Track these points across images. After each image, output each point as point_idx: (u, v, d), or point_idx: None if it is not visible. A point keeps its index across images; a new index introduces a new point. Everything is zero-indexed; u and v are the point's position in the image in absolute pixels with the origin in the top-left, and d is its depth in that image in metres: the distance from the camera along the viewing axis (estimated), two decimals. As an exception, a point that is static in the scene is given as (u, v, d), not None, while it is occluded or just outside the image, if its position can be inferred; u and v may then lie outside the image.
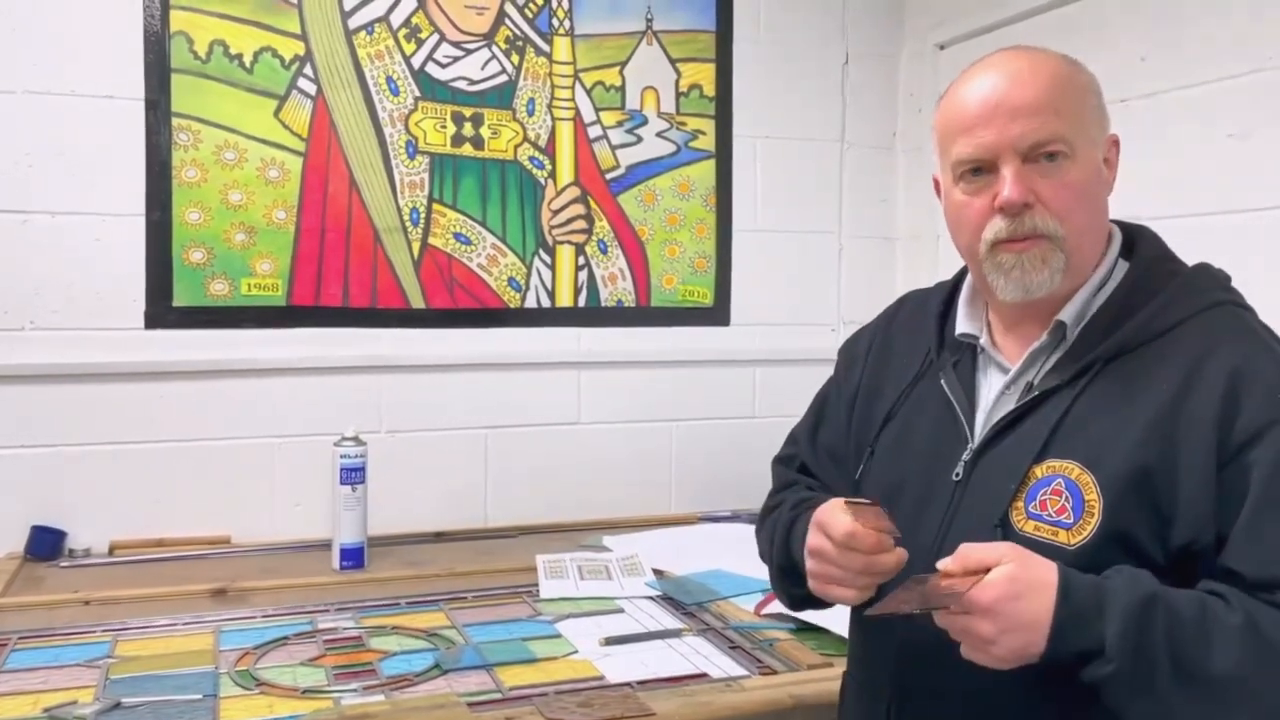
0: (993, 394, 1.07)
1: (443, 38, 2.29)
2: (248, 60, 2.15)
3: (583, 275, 2.43)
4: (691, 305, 2.54)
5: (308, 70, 2.19)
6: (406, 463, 2.26)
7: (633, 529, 2.30)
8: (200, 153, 2.12)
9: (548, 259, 2.40)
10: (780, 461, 1.33)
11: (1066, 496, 0.96)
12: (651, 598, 1.82)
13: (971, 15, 2.44)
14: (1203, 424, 0.93)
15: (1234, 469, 0.92)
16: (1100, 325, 1.02)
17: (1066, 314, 1.03)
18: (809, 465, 1.28)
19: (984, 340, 1.10)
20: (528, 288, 2.39)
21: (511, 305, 2.37)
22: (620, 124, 2.44)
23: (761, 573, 1.65)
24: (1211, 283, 1.04)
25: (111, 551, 2.07)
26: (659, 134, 2.48)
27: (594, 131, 2.42)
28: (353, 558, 1.98)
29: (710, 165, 2.53)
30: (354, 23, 2.23)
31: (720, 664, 1.51)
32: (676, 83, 2.49)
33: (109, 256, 2.07)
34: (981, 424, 1.06)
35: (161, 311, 2.12)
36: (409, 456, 2.27)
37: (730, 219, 2.55)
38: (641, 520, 2.39)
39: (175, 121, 2.10)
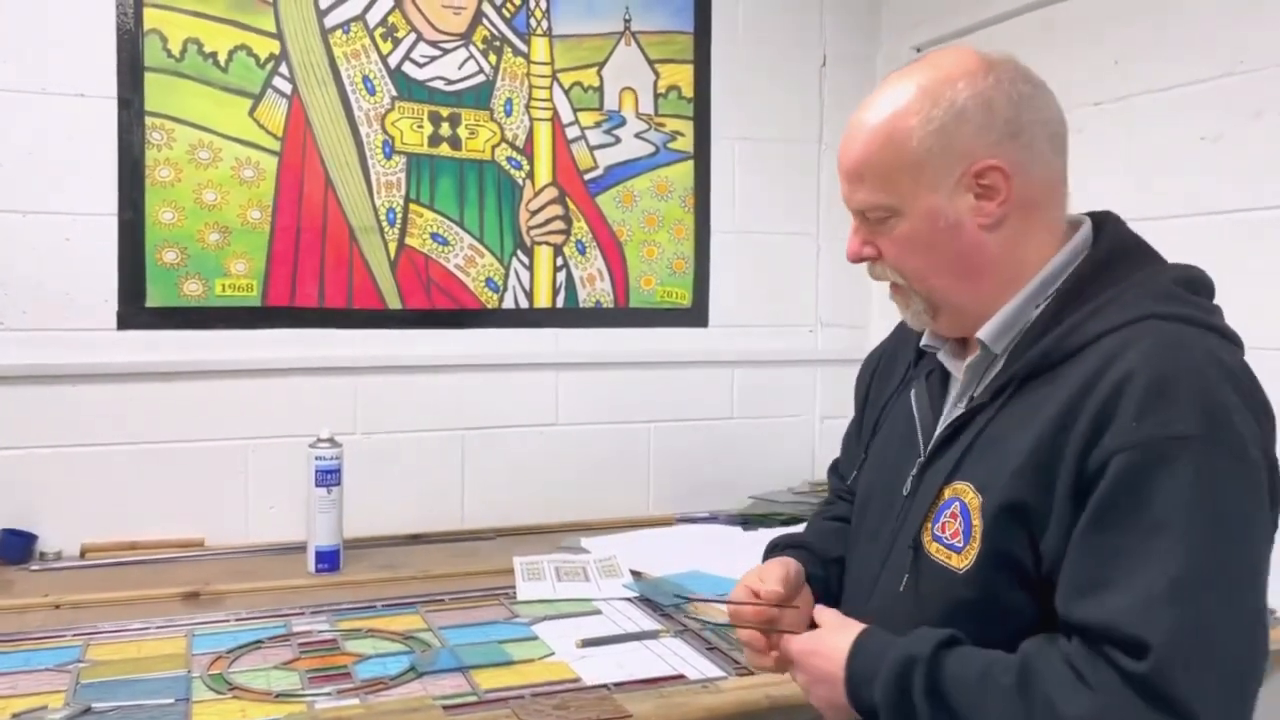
0: (949, 409, 1.09)
1: (420, 37, 2.28)
2: (222, 59, 2.13)
3: (561, 276, 2.42)
4: (670, 306, 2.54)
5: (283, 69, 2.18)
6: (382, 464, 2.25)
7: (610, 530, 2.29)
8: (174, 152, 2.10)
9: (526, 260, 2.39)
10: (830, 470, 1.44)
11: (960, 520, 0.97)
12: (629, 599, 1.82)
13: (948, 18, 2.45)
14: (1074, 454, 0.90)
15: (1084, 503, 0.89)
16: (1029, 339, 0.99)
17: (983, 331, 1.02)
18: (844, 475, 1.35)
19: (942, 353, 1.10)
20: (505, 288, 2.38)
21: (489, 306, 2.37)
22: (598, 125, 2.44)
23: (738, 574, 1.66)
24: (1145, 295, 0.95)
25: (83, 555, 2.04)
26: (637, 135, 2.48)
27: (572, 132, 2.42)
28: (328, 560, 1.97)
29: (689, 166, 2.53)
30: (330, 21, 2.21)
31: (697, 665, 1.51)
32: (655, 84, 2.49)
33: (80, 256, 2.05)
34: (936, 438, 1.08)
35: (134, 312, 2.09)
36: (385, 458, 2.26)
37: (709, 220, 2.55)
38: (619, 521, 2.38)
39: (148, 120, 2.08)
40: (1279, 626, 1.25)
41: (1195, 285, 0.99)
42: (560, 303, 2.43)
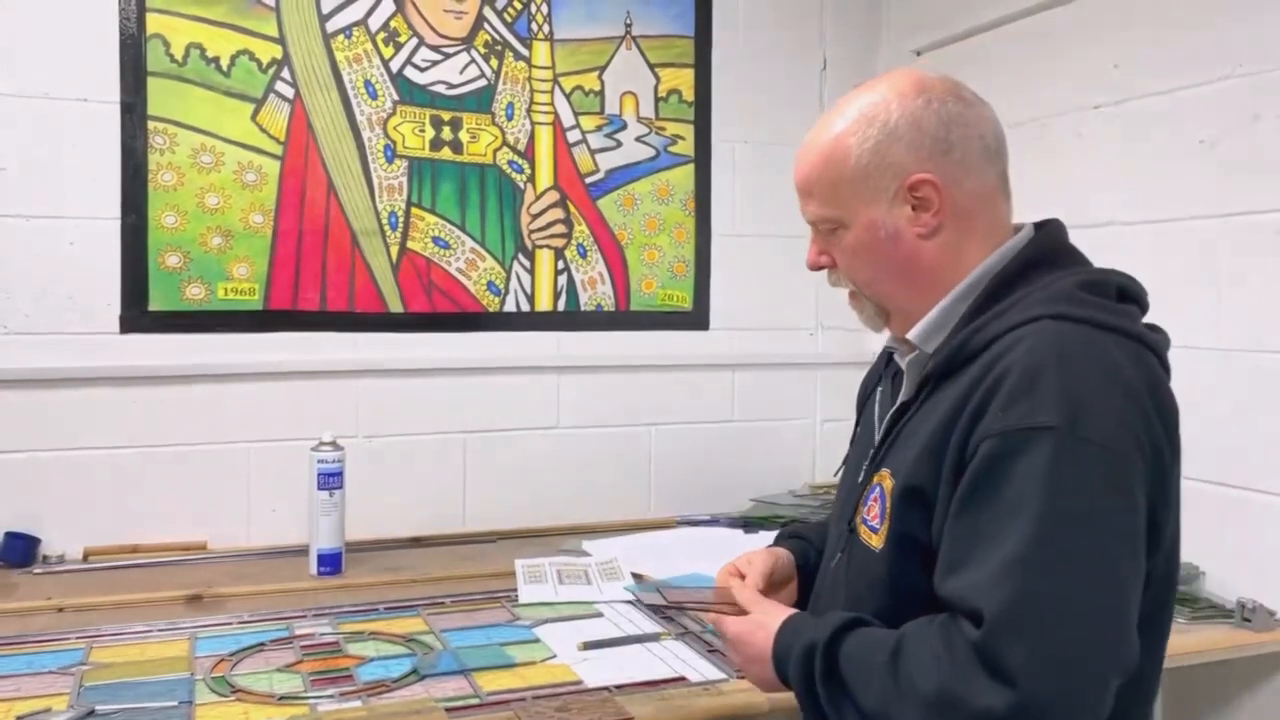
0: (891, 411, 1.16)
1: (421, 42, 2.29)
2: (225, 63, 2.14)
3: (562, 279, 2.43)
4: (671, 309, 2.54)
5: (285, 73, 2.18)
6: (384, 467, 2.26)
7: (612, 533, 2.30)
8: (176, 156, 2.11)
9: (527, 263, 2.40)
10: None
11: (879, 503, 1.07)
12: (630, 602, 1.82)
13: (947, 23, 2.46)
14: (956, 444, 0.98)
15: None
16: (949, 339, 1.06)
17: (913, 332, 1.10)
18: None
19: (898, 353, 1.18)
20: (507, 292, 2.39)
21: (490, 309, 2.37)
22: (599, 128, 2.45)
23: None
24: (1045, 299, 1.00)
25: (86, 558, 2.05)
26: (638, 139, 2.48)
27: (573, 136, 2.42)
28: (330, 563, 1.97)
29: (689, 170, 2.54)
30: (332, 26, 2.22)
31: (698, 668, 1.51)
32: (655, 88, 2.50)
33: (83, 260, 2.06)
34: None
35: (137, 315, 2.10)
36: (387, 461, 2.27)
37: (709, 223, 2.56)
38: (620, 524, 2.39)
39: (151, 124, 2.09)
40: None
41: (1099, 288, 1.03)
42: (561, 306, 2.43)
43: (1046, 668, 0.87)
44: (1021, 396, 0.93)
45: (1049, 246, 1.08)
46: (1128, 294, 1.06)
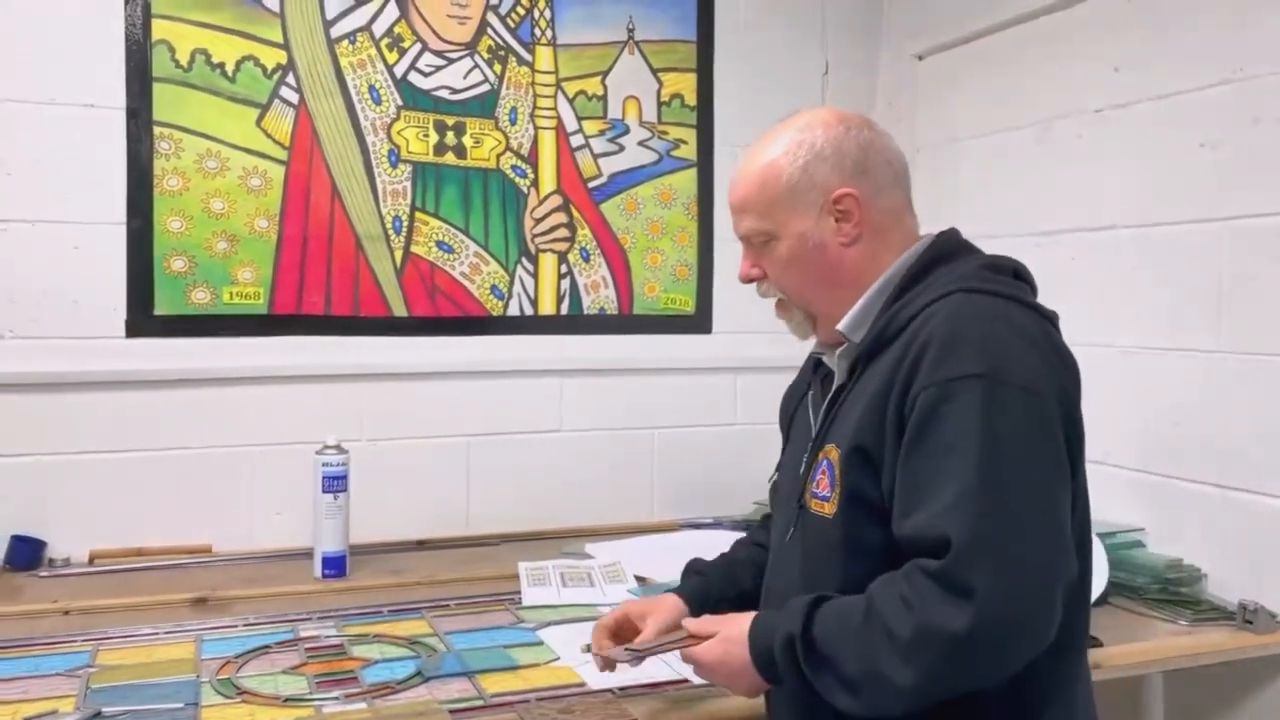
0: (826, 401, 1.26)
1: (425, 47, 2.30)
2: (230, 69, 2.15)
3: (565, 283, 2.44)
4: (673, 313, 2.55)
5: (290, 79, 2.20)
6: (388, 471, 2.27)
7: (615, 536, 2.30)
8: (182, 161, 2.12)
9: (530, 267, 2.41)
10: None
11: (827, 474, 1.17)
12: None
13: (949, 26, 2.47)
14: (895, 401, 1.09)
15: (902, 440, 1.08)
16: (873, 327, 1.19)
17: (842, 324, 1.22)
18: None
19: (825, 357, 1.29)
20: (510, 296, 2.39)
21: (494, 313, 2.38)
22: (602, 133, 2.46)
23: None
24: (954, 278, 1.15)
25: (91, 561, 2.06)
26: (641, 143, 2.49)
27: (576, 140, 2.43)
28: (334, 566, 1.98)
29: (692, 174, 2.55)
30: (336, 32, 2.23)
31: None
32: (658, 92, 2.51)
33: (89, 265, 2.07)
34: None
35: (142, 320, 2.11)
36: (391, 464, 2.27)
37: (712, 227, 2.57)
38: (624, 527, 2.39)
39: (157, 130, 2.10)
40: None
41: (999, 268, 1.19)
42: (565, 310, 2.44)
43: (1003, 585, 0.99)
44: (948, 353, 1.06)
45: (949, 244, 1.23)
46: (1021, 275, 1.20)
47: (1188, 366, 1.90)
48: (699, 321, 2.57)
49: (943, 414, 1.05)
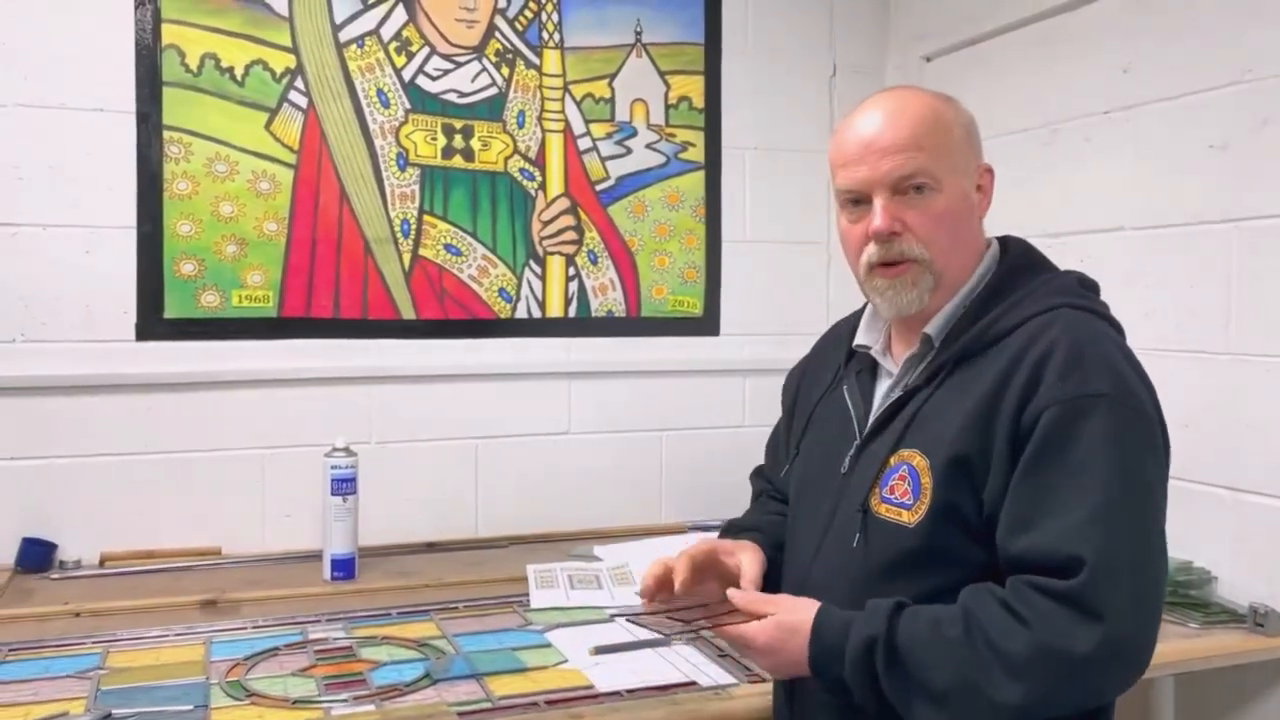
0: (882, 397, 1.22)
1: (433, 51, 2.31)
2: (239, 73, 2.16)
3: (573, 286, 2.44)
4: (681, 315, 2.55)
5: (299, 83, 2.20)
6: (397, 473, 2.27)
7: (623, 538, 2.30)
8: (191, 165, 2.13)
9: (538, 270, 2.41)
10: (754, 474, 1.56)
11: (909, 481, 1.11)
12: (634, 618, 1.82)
13: (956, 28, 2.46)
14: (1008, 413, 1.06)
15: (1020, 453, 1.05)
16: (958, 332, 1.15)
17: (931, 327, 1.17)
18: (770, 477, 1.50)
19: (877, 349, 1.24)
20: (518, 298, 2.40)
21: (502, 316, 2.39)
22: (610, 136, 2.46)
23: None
24: (1054, 291, 1.13)
25: (102, 563, 2.07)
26: (648, 145, 2.50)
27: (584, 143, 2.44)
28: (343, 568, 1.99)
29: (699, 176, 2.55)
30: (345, 36, 2.24)
31: (709, 672, 1.52)
32: (665, 95, 2.51)
33: (100, 268, 2.08)
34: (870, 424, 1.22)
35: (152, 323, 2.12)
36: (399, 467, 2.28)
37: (719, 230, 2.57)
38: (632, 530, 2.39)
39: (166, 134, 2.11)
40: None
41: (1089, 285, 1.18)
42: (572, 312, 2.45)
43: (1134, 606, 0.98)
44: (1073, 370, 1.04)
45: (1027, 252, 1.21)
46: (1099, 291, 1.20)
47: (1198, 368, 1.89)
48: (707, 324, 2.57)
49: (1072, 432, 1.02)
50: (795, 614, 1.12)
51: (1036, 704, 0.99)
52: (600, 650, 1.59)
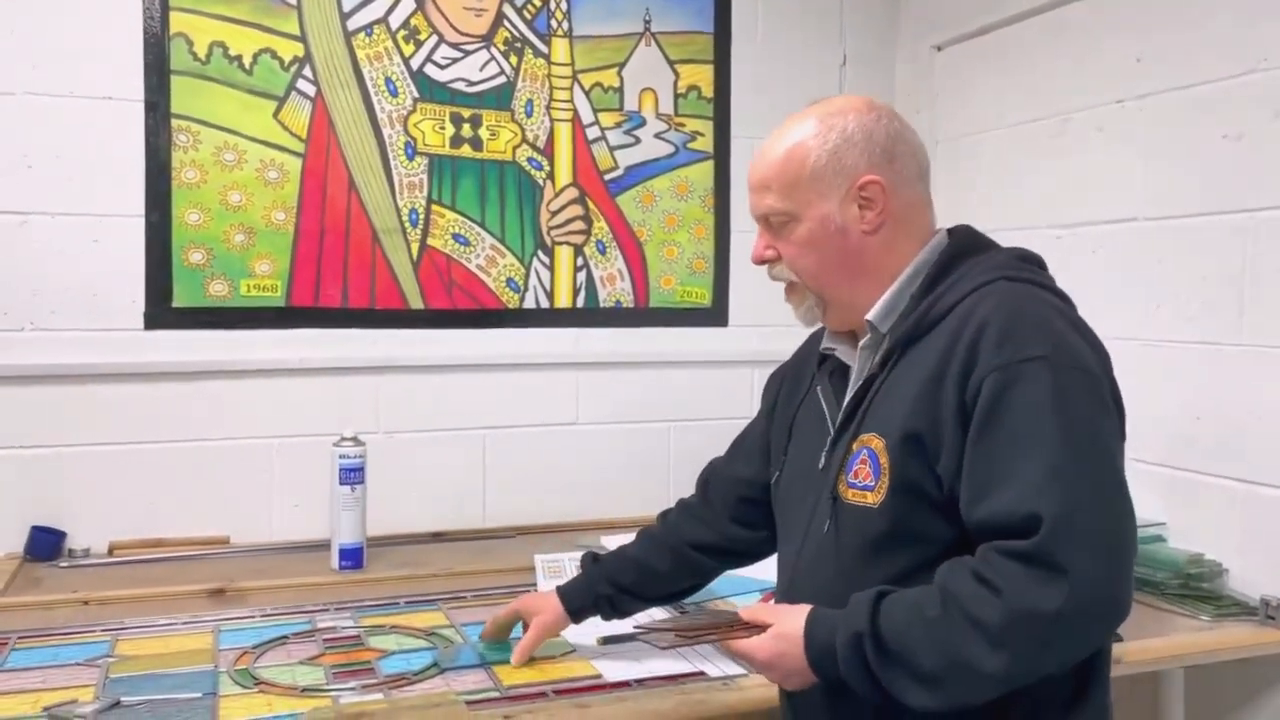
0: (850, 388, 1.25)
1: (441, 39, 2.30)
2: (247, 62, 2.16)
3: (581, 276, 2.44)
4: (690, 306, 2.54)
5: (307, 71, 2.20)
6: (405, 463, 2.27)
7: (631, 529, 2.29)
8: (200, 154, 2.13)
9: (546, 260, 2.40)
10: (704, 472, 1.69)
11: (869, 464, 1.15)
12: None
13: (967, 18, 2.45)
14: (951, 387, 1.09)
15: (968, 425, 1.07)
16: (904, 315, 1.19)
17: (872, 314, 1.21)
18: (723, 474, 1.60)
19: (838, 351, 1.29)
20: (526, 288, 2.39)
21: (510, 306, 2.38)
22: (618, 125, 2.45)
23: (760, 572, 1.66)
24: (992, 267, 1.16)
25: (110, 552, 2.07)
26: (657, 135, 2.49)
27: (592, 133, 2.43)
28: (351, 558, 1.99)
29: (709, 166, 2.54)
30: (353, 24, 2.23)
31: (717, 663, 1.51)
32: (674, 84, 2.50)
33: (108, 257, 2.08)
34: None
35: (161, 312, 2.12)
36: (407, 457, 2.28)
37: (729, 220, 2.56)
38: (639, 520, 2.37)
39: (175, 123, 2.11)
40: None
41: (1028, 258, 1.21)
42: (581, 302, 2.44)
43: (1098, 557, 1.00)
44: (1008, 337, 1.07)
45: (971, 238, 1.24)
46: (1043, 267, 1.22)
47: (1210, 359, 1.88)
48: (715, 314, 2.56)
49: (1013, 396, 1.05)
50: (789, 623, 1.15)
51: (1021, 670, 1.01)
52: (608, 640, 1.59)
